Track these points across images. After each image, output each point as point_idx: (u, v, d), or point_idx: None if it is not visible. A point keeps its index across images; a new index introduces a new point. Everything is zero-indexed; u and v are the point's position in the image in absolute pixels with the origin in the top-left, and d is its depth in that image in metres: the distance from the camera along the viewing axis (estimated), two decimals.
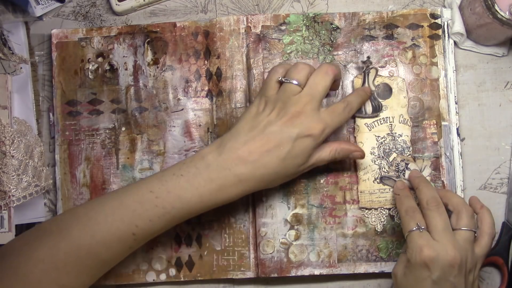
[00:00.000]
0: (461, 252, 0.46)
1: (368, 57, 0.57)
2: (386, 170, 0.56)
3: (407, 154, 0.56)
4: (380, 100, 0.57)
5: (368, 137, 0.56)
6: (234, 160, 0.47)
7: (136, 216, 0.46)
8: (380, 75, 0.57)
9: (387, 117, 0.56)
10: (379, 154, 0.56)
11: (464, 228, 0.47)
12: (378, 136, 0.56)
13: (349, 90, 0.57)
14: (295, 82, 0.48)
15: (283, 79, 0.49)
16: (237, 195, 0.48)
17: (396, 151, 0.56)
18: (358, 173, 0.56)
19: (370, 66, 0.57)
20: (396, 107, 0.56)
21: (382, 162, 0.56)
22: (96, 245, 0.45)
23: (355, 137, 0.56)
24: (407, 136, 0.56)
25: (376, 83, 0.57)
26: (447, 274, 0.45)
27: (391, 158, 0.56)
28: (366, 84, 0.57)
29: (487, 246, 0.48)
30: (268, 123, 0.47)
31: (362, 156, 0.52)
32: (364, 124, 0.56)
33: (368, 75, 0.57)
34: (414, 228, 0.47)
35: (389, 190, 0.55)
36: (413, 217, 0.48)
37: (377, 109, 0.56)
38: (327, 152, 0.50)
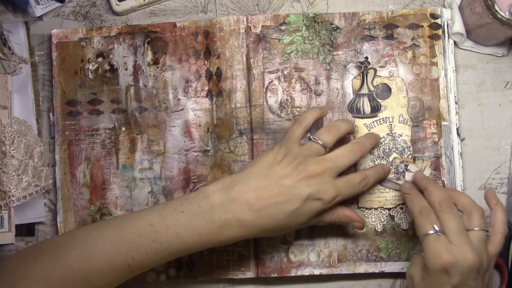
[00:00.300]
0: (478, 255, 0.45)
1: (366, 58, 0.57)
2: None
3: (408, 154, 0.56)
4: (379, 100, 0.57)
5: None
6: (240, 204, 0.46)
7: (133, 249, 0.45)
8: (379, 76, 0.57)
9: (386, 117, 0.56)
10: (378, 154, 0.56)
11: (477, 229, 0.46)
12: None
13: (349, 90, 0.57)
14: (321, 143, 0.49)
15: (311, 137, 0.49)
16: (236, 239, 0.47)
17: (396, 151, 0.56)
18: None
19: (368, 67, 0.57)
20: (395, 107, 0.56)
21: (382, 162, 0.56)
22: (90, 272, 0.45)
23: (354, 137, 0.56)
24: (407, 136, 0.56)
25: (375, 84, 0.57)
26: (467, 278, 0.44)
27: (391, 158, 0.56)
28: (365, 85, 0.57)
29: (500, 245, 0.47)
30: (283, 176, 0.47)
31: (361, 227, 0.52)
32: (363, 124, 0.56)
33: (366, 75, 0.57)
34: (431, 232, 0.46)
35: (389, 190, 0.55)
36: (428, 219, 0.47)
37: (376, 109, 0.56)
38: (329, 215, 0.50)
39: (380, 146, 0.56)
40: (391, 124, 0.56)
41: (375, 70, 0.57)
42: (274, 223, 0.47)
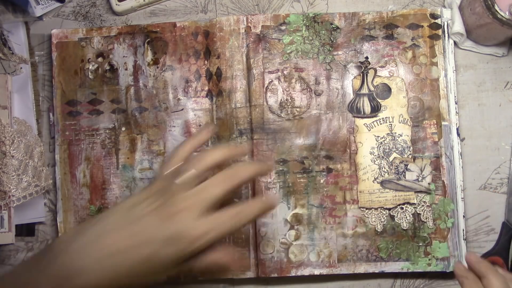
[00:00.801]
0: None
1: (366, 58, 0.57)
2: (386, 170, 0.56)
3: (408, 154, 0.56)
4: (379, 100, 0.57)
5: (368, 137, 0.56)
6: (93, 249, 0.39)
7: None
8: (379, 76, 0.57)
9: (386, 117, 0.56)
10: (378, 154, 0.56)
11: None
12: (378, 136, 0.56)
13: (349, 90, 0.57)
14: (190, 174, 0.42)
15: (181, 168, 0.42)
16: None
17: (396, 151, 0.56)
18: (358, 173, 0.56)
19: (369, 67, 0.57)
20: (395, 107, 0.56)
21: (382, 162, 0.56)
22: None
23: (354, 137, 0.56)
24: (407, 136, 0.56)
25: (375, 84, 0.57)
26: None
27: (391, 158, 0.56)
28: (365, 85, 0.57)
29: None
30: (146, 214, 0.40)
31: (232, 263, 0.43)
32: (363, 124, 0.56)
33: (366, 75, 0.57)
34: None
35: (389, 190, 0.55)
36: (504, 285, 0.44)
37: (376, 109, 0.56)
38: (197, 262, 0.41)
39: (380, 146, 0.56)
40: (391, 124, 0.56)
41: (375, 70, 0.57)
42: (129, 270, 0.39)
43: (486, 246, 0.56)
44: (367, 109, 0.57)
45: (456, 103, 0.56)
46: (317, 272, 0.56)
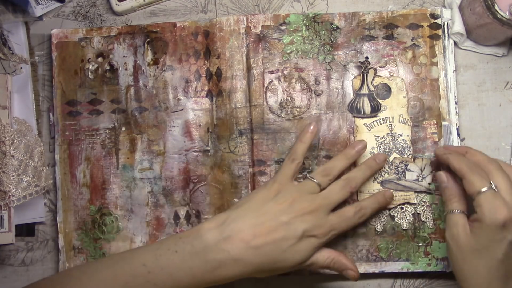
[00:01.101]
0: None
1: (366, 58, 0.57)
2: (386, 169, 0.56)
3: (408, 154, 0.56)
4: (379, 100, 0.57)
5: (368, 137, 0.56)
6: (236, 242, 0.46)
7: None
8: (379, 76, 0.57)
9: (386, 117, 0.56)
10: None
11: None
12: (378, 136, 0.56)
13: (349, 90, 0.57)
14: (316, 181, 0.50)
15: (308, 176, 0.51)
16: (231, 278, 0.47)
17: (396, 151, 0.56)
18: None
19: (369, 67, 0.57)
20: (395, 107, 0.56)
21: None
22: None
23: (354, 137, 0.56)
24: (407, 136, 0.56)
25: (375, 84, 0.57)
26: None
27: (391, 158, 0.56)
28: (365, 85, 0.57)
29: None
30: (279, 212, 0.47)
31: (355, 277, 0.50)
32: (363, 124, 0.56)
33: (366, 75, 0.57)
34: (485, 189, 0.45)
35: (388, 190, 0.55)
36: (482, 175, 0.46)
37: (376, 109, 0.56)
38: (324, 258, 0.50)
39: (380, 146, 0.56)
40: (391, 124, 0.56)
41: (375, 70, 0.57)
42: (270, 261, 0.47)
43: None
44: (367, 109, 0.57)
45: (456, 103, 0.56)
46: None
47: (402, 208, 0.55)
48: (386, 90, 0.57)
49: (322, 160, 0.56)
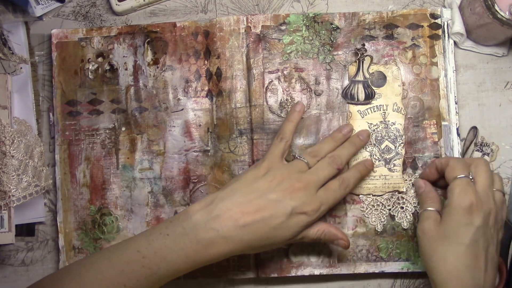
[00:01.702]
0: (500, 208, 0.49)
1: (363, 44, 0.57)
2: (377, 157, 0.56)
3: (400, 143, 0.56)
4: (374, 88, 0.57)
5: (361, 124, 0.56)
6: (225, 221, 0.46)
7: (123, 276, 0.46)
8: (375, 63, 0.57)
9: (380, 105, 0.56)
10: (370, 141, 0.56)
11: (499, 190, 0.50)
12: (371, 124, 0.56)
13: (345, 81, 0.57)
14: (306, 161, 0.51)
15: (297, 156, 0.51)
16: (223, 256, 0.47)
17: (389, 139, 0.56)
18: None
19: (365, 54, 0.57)
20: (390, 95, 0.56)
21: (374, 149, 0.56)
22: None
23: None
24: (400, 124, 0.56)
25: (370, 71, 0.57)
26: (488, 222, 0.47)
27: (382, 146, 0.56)
28: (361, 71, 0.57)
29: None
30: (267, 190, 0.48)
31: (347, 246, 0.52)
32: (357, 111, 0.56)
33: (362, 62, 0.57)
34: (462, 175, 0.48)
35: (379, 177, 0.55)
36: (464, 166, 0.49)
37: (370, 96, 0.56)
38: (314, 231, 0.50)
39: (372, 134, 0.56)
40: (385, 112, 0.56)
41: (371, 57, 0.57)
42: (260, 238, 0.47)
43: None
44: (361, 96, 0.57)
45: (456, 103, 0.56)
46: (317, 272, 0.56)
47: (402, 208, 0.55)
48: (381, 78, 0.57)
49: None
